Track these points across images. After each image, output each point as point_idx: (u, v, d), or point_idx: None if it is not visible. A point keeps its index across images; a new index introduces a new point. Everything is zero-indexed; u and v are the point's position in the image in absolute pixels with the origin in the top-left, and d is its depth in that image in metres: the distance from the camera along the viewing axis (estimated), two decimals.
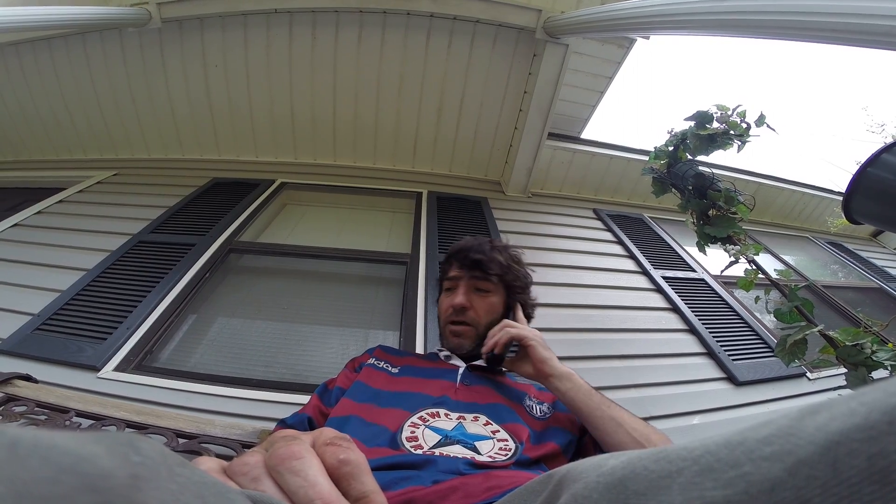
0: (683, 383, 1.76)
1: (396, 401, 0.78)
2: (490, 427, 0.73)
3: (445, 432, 0.69)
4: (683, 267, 2.62)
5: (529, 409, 0.83)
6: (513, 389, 0.87)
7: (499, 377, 0.91)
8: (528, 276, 1.11)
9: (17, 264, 1.92)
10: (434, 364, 0.93)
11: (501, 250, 1.05)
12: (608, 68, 2.93)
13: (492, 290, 0.99)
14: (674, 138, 1.80)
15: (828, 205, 4.10)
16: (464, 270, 1.00)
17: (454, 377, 0.86)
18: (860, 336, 1.11)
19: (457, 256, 1.02)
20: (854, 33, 0.90)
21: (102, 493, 0.17)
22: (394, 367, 0.89)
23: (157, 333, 1.61)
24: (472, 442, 0.68)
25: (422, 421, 0.72)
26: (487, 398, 0.81)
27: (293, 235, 2.52)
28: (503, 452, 0.67)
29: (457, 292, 0.98)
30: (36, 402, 1.03)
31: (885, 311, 3.10)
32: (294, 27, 2.53)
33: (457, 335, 0.95)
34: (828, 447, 0.17)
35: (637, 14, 1.63)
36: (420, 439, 0.67)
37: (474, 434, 0.70)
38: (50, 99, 2.87)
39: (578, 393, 0.78)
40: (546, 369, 0.82)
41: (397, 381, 0.84)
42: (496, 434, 0.71)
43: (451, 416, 0.74)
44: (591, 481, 0.25)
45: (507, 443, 0.70)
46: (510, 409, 0.79)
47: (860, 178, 0.97)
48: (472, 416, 0.75)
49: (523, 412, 0.81)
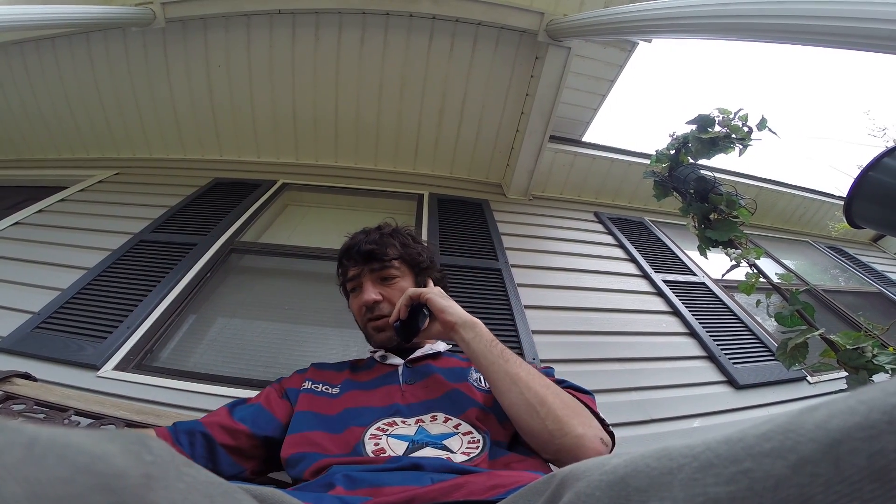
0: (684, 387, 1.75)
1: (346, 420, 0.73)
2: (450, 422, 0.71)
3: (410, 437, 0.67)
4: (684, 270, 2.62)
5: (477, 382, 0.81)
6: (455, 369, 0.86)
7: (440, 361, 0.89)
8: (428, 249, 1.03)
9: (18, 262, 1.92)
10: (373, 372, 0.87)
11: (392, 234, 0.99)
12: (610, 71, 2.93)
13: (397, 275, 0.94)
14: (675, 142, 1.80)
15: (829, 209, 4.10)
16: (361, 266, 0.94)
17: (396, 379, 0.83)
18: (861, 340, 1.11)
19: (348, 255, 0.96)
20: (856, 37, 0.91)
21: (116, 492, 0.17)
22: (333, 388, 0.83)
23: (158, 333, 1.61)
24: (440, 441, 0.67)
25: (381, 432, 0.69)
26: (436, 391, 0.79)
27: (294, 236, 2.52)
28: (473, 445, 0.67)
29: (363, 290, 0.92)
30: (35, 400, 1.03)
31: (885, 316, 3.10)
32: (297, 28, 2.54)
33: (380, 330, 0.90)
34: (830, 445, 0.17)
35: (639, 17, 1.63)
36: (388, 450, 0.65)
37: (438, 434, 0.69)
38: (53, 98, 2.87)
39: (480, 343, 0.75)
40: (449, 318, 0.79)
41: (342, 401, 0.79)
42: (459, 428, 0.70)
43: (409, 422, 0.71)
44: (594, 479, 0.25)
45: (473, 434, 0.69)
46: (459, 392, 0.78)
47: (861, 183, 0.97)
48: (429, 417, 0.72)
49: (471, 389, 0.79)
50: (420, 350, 0.91)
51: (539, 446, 0.67)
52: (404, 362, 0.87)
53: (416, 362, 0.88)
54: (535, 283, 2.14)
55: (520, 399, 0.67)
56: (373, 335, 0.92)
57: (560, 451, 0.64)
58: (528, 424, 0.66)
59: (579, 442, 0.63)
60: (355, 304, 0.95)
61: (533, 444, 0.67)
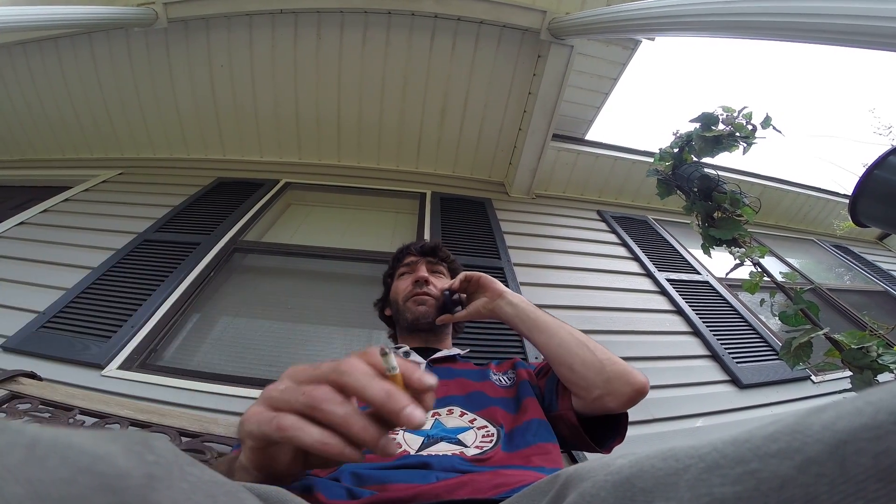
0: (687, 386, 1.75)
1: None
2: (466, 417, 0.74)
3: (425, 432, 0.69)
4: (688, 269, 2.61)
5: (498, 382, 0.85)
6: (475, 371, 0.90)
7: (459, 364, 0.93)
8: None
9: (23, 262, 1.93)
10: None
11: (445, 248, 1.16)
12: (613, 70, 2.92)
13: (442, 273, 1.09)
14: (679, 140, 1.79)
15: (833, 207, 4.08)
16: (419, 257, 1.08)
17: None
18: (866, 339, 1.10)
19: (408, 249, 1.12)
20: (861, 35, 0.90)
21: (119, 493, 0.17)
22: None
23: (162, 332, 1.62)
24: (455, 436, 0.68)
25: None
26: (454, 389, 0.81)
27: (297, 235, 2.53)
28: (487, 439, 0.68)
29: (417, 270, 1.04)
30: (40, 399, 1.04)
31: (890, 315, 3.08)
32: (299, 27, 2.54)
33: (420, 304, 0.98)
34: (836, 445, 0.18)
35: (642, 15, 1.63)
36: (403, 445, 0.67)
37: (454, 427, 0.71)
38: (56, 98, 2.89)
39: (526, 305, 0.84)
40: (499, 289, 0.87)
41: None
42: (474, 423, 0.72)
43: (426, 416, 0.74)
44: (599, 480, 0.25)
45: (488, 429, 0.71)
46: (480, 392, 0.80)
47: (867, 181, 0.97)
48: (445, 410, 0.75)
49: (493, 387, 0.82)
50: (440, 352, 0.94)
51: (589, 379, 0.71)
52: (426, 361, 0.91)
53: (437, 363, 0.92)
54: (538, 281, 2.14)
55: (570, 337, 0.75)
56: (411, 308, 0.99)
57: (611, 379, 0.70)
58: (579, 357, 0.72)
59: (629, 368, 0.71)
60: (402, 283, 1.05)
61: (582, 379, 0.71)
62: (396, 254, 1.16)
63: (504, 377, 0.86)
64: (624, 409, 0.72)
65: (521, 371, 0.87)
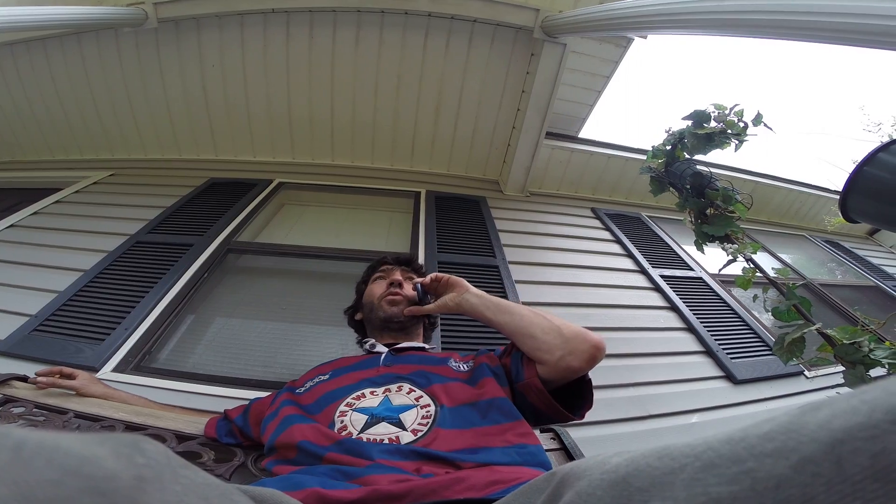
0: (682, 382, 1.76)
1: (328, 399, 0.80)
2: (413, 394, 0.77)
3: (371, 410, 0.72)
4: (681, 266, 2.62)
5: (455, 368, 0.88)
6: (435, 357, 0.94)
7: (422, 353, 0.98)
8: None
9: (15, 265, 1.91)
10: (360, 357, 0.97)
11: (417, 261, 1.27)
12: (606, 67, 2.93)
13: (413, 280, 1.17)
14: (671, 137, 1.80)
15: (825, 203, 4.12)
16: (394, 265, 1.18)
17: (377, 362, 0.91)
18: (858, 334, 1.12)
19: (385, 259, 1.23)
20: (852, 33, 0.91)
21: (107, 495, 0.17)
22: (324, 375, 0.90)
23: (156, 334, 1.61)
24: (397, 415, 0.71)
25: (349, 407, 0.75)
26: (408, 370, 0.85)
27: (291, 235, 2.52)
28: (425, 420, 0.70)
29: (392, 274, 1.12)
30: (34, 403, 1.03)
31: (882, 310, 3.11)
32: (291, 27, 2.52)
33: (393, 304, 1.04)
34: (832, 445, 0.17)
35: (635, 13, 1.63)
36: (349, 426, 0.70)
37: (399, 406, 0.73)
38: (46, 99, 2.85)
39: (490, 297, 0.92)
40: (466, 285, 0.96)
41: (330, 383, 0.86)
42: (420, 400, 0.75)
43: (377, 392, 0.78)
44: (595, 479, 0.25)
45: (429, 408, 0.73)
46: (433, 373, 0.83)
47: (857, 177, 0.98)
48: (395, 387, 0.79)
49: (448, 370, 0.86)
50: (406, 343, 0.99)
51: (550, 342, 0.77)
52: (388, 350, 0.95)
53: (399, 351, 0.96)
54: (533, 279, 2.14)
55: (529, 312, 0.84)
56: (384, 307, 1.04)
57: (570, 339, 0.76)
58: (539, 326, 0.80)
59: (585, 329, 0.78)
60: (377, 286, 1.12)
61: (544, 343, 0.78)
62: (372, 264, 1.25)
63: (464, 364, 0.89)
64: (586, 367, 0.76)
65: (480, 357, 0.90)
